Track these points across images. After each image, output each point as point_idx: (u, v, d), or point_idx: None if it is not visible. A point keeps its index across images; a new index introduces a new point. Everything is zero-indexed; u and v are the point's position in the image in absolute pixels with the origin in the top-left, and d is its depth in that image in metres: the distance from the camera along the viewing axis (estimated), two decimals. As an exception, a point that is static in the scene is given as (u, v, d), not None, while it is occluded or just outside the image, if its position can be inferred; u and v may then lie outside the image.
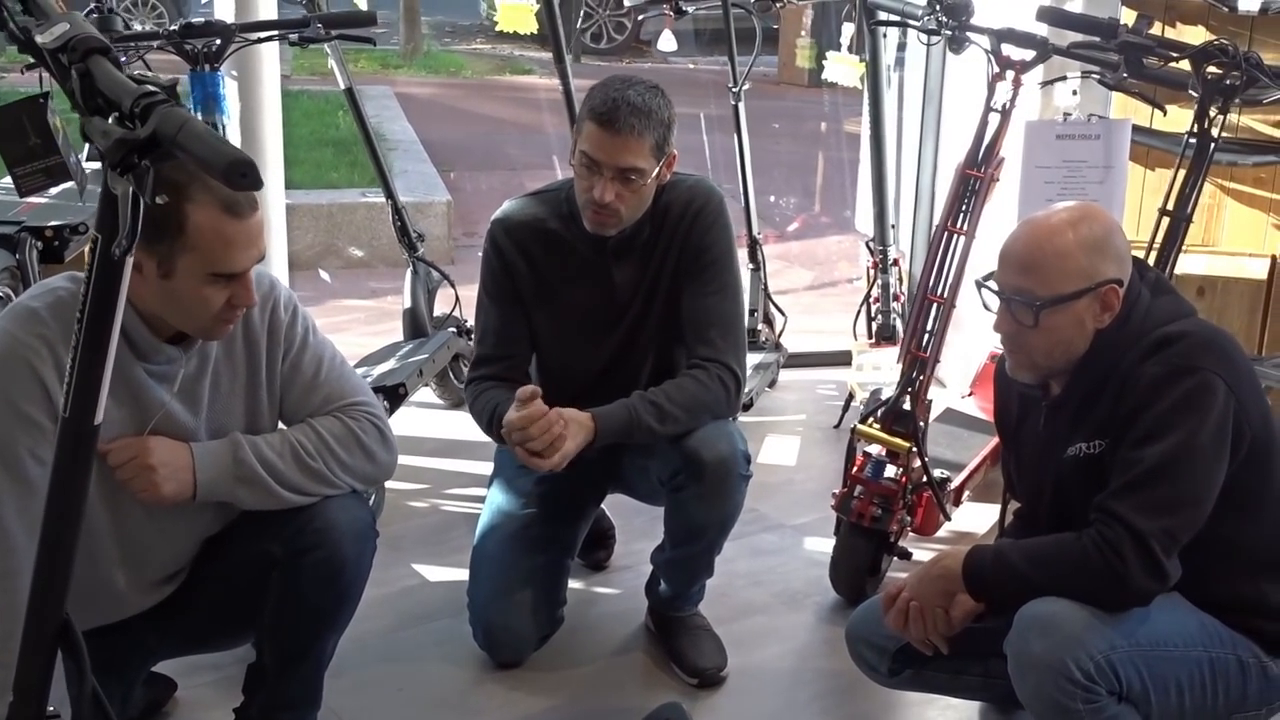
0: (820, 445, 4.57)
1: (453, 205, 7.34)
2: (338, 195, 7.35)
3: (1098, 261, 2.35)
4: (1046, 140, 3.46)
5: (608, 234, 2.93)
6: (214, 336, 2.31)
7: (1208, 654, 2.34)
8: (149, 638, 2.54)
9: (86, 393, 1.62)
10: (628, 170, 2.83)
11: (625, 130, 2.79)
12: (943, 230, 3.36)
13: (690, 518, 2.97)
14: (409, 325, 4.48)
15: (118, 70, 1.44)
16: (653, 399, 2.88)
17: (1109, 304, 2.36)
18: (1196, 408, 2.26)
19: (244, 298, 2.24)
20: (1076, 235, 2.35)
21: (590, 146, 2.83)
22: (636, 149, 2.81)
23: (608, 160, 2.82)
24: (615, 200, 2.84)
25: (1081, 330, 2.37)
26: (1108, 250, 2.36)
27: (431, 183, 7.78)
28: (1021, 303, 2.36)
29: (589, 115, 2.83)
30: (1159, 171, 4.22)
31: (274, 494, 2.37)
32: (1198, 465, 2.26)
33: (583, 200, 2.89)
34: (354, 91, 4.33)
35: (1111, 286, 2.35)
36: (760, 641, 3.28)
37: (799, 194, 8.78)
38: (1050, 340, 2.38)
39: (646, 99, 2.83)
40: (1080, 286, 2.34)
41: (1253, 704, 2.40)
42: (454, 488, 4.09)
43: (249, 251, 2.20)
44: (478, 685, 3.07)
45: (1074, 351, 2.39)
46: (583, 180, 2.87)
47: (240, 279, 2.22)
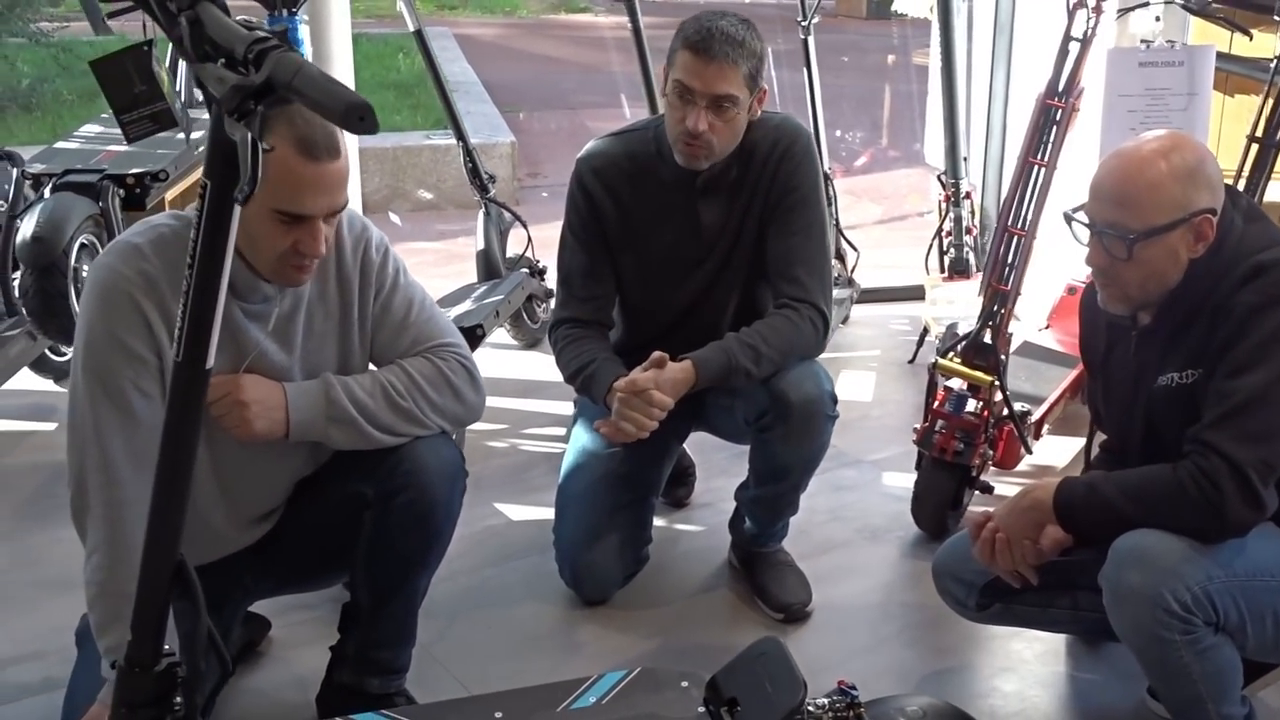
0: (896, 380, 4.56)
1: (517, 146, 7.34)
2: (402, 138, 7.37)
3: (1191, 191, 2.32)
4: (1129, 68, 3.41)
5: (699, 167, 2.93)
6: (285, 281, 2.29)
7: None
8: (245, 576, 2.58)
9: (198, 336, 1.64)
10: (722, 98, 2.82)
11: (720, 57, 2.80)
12: (1023, 162, 3.32)
13: (776, 457, 2.98)
14: (483, 266, 4.51)
15: (226, 16, 1.44)
16: (749, 341, 2.88)
17: (1203, 234, 2.33)
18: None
19: (310, 245, 2.21)
20: (1169, 165, 2.32)
21: (685, 74, 2.83)
22: (731, 76, 2.81)
23: (702, 88, 2.81)
24: (709, 130, 2.84)
25: (1176, 261, 2.35)
26: (1200, 179, 2.33)
27: (495, 123, 7.79)
28: (1115, 235, 2.34)
29: (683, 44, 2.83)
30: (1238, 98, 4.16)
31: (365, 434, 2.39)
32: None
33: (675, 132, 2.89)
34: (423, 33, 4.33)
35: (1205, 216, 2.32)
36: (844, 577, 3.30)
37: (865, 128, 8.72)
38: (1144, 272, 2.35)
39: (740, 30, 2.83)
40: (1174, 218, 2.31)
41: None
42: (532, 427, 4.12)
43: (318, 198, 2.17)
44: (566, 623, 3.10)
45: (1168, 282, 2.37)
46: (676, 111, 2.87)
47: (307, 224, 2.19)
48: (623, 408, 2.84)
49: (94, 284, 2.21)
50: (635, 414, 2.83)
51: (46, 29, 7.96)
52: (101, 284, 2.20)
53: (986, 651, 3.01)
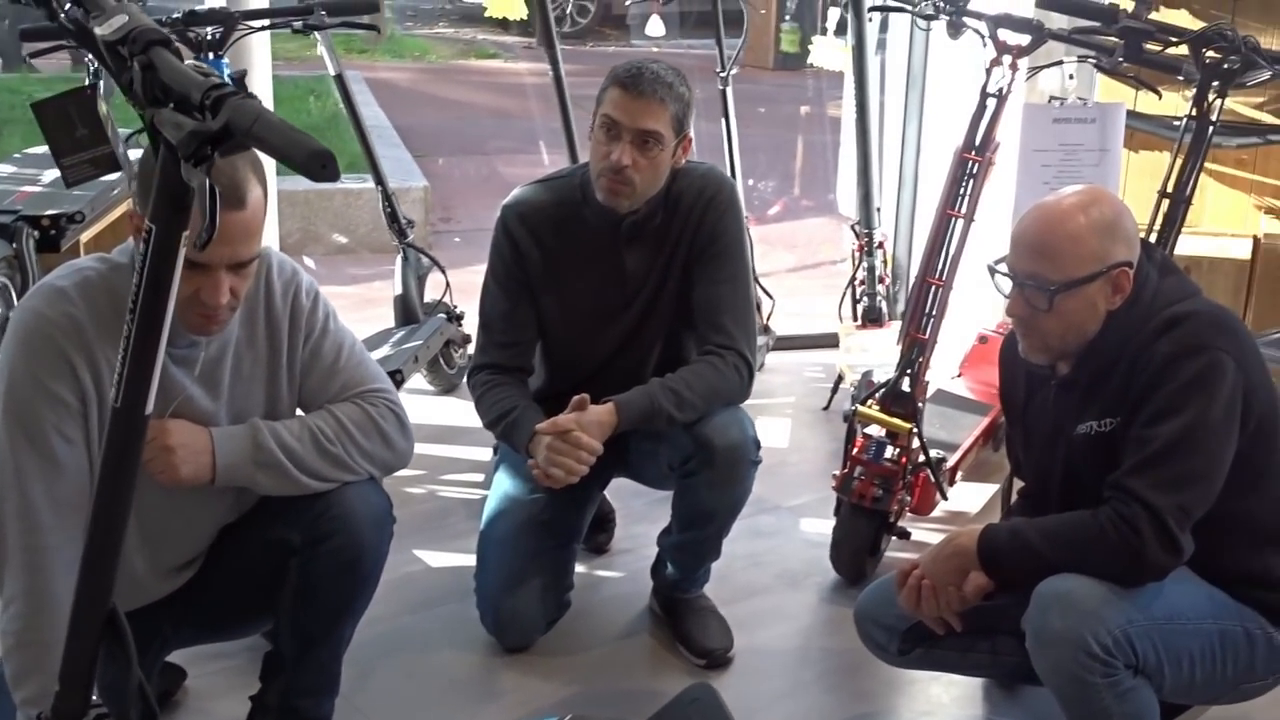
0: (810, 427, 4.61)
1: (430, 191, 7.32)
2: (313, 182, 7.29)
3: (1109, 245, 2.39)
4: (1043, 124, 3.50)
5: (620, 206, 2.96)
6: (192, 329, 2.24)
7: (1218, 626, 2.39)
8: (164, 625, 2.53)
9: (139, 382, 1.63)
10: (647, 134, 2.87)
11: (649, 94, 2.86)
12: (941, 214, 3.39)
13: (700, 502, 3.00)
14: (400, 311, 4.49)
15: (180, 61, 1.45)
16: (672, 386, 2.90)
17: (1120, 286, 2.40)
18: (1207, 386, 2.31)
19: (210, 295, 2.15)
20: (1088, 219, 2.39)
21: (613, 109, 2.87)
22: (658, 114, 2.87)
23: (629, 122, 2.86)
24: (632, 167, 2.87)
25: (1094, 312, 2.41)
26: (1118, 233, 2.40)
27: (408, 168, 7.76)
28: (1035, 287, 2.40)
29: (613, 82, 2.89)
30: (1143, 154, 4.28)
31: (293, 479, 2.37)
32: (1210, 442, 2.31)
33: (599, 168, 2.92)
34: (344, 77, 4.32)
35: (1123, 269, 2.39)
36: (764, 622, 3.32)
37: (778, 178, 8.81)
38: (1064, 323, 2.41)
39: (670, 75, 2.91)
40: (1093, 270, 2.38)
41: (1260, 673, 2.46)
42: (450, 473, 4.10)
43: (219, 248, 2.06)
44: (487, 670, 3.09)
45: (1086, 333, 2.43)
46: (601, 146, 2.90)
47: (208, 274, 2.13)
48: (551, 453, 2.85)
49: (17, 327, 2.18)
50: (564, 459, 2.84)
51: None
52: (25, 327, 2.17)
53: (906, 696, 3.04)
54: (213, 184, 1.37)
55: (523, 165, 7.96)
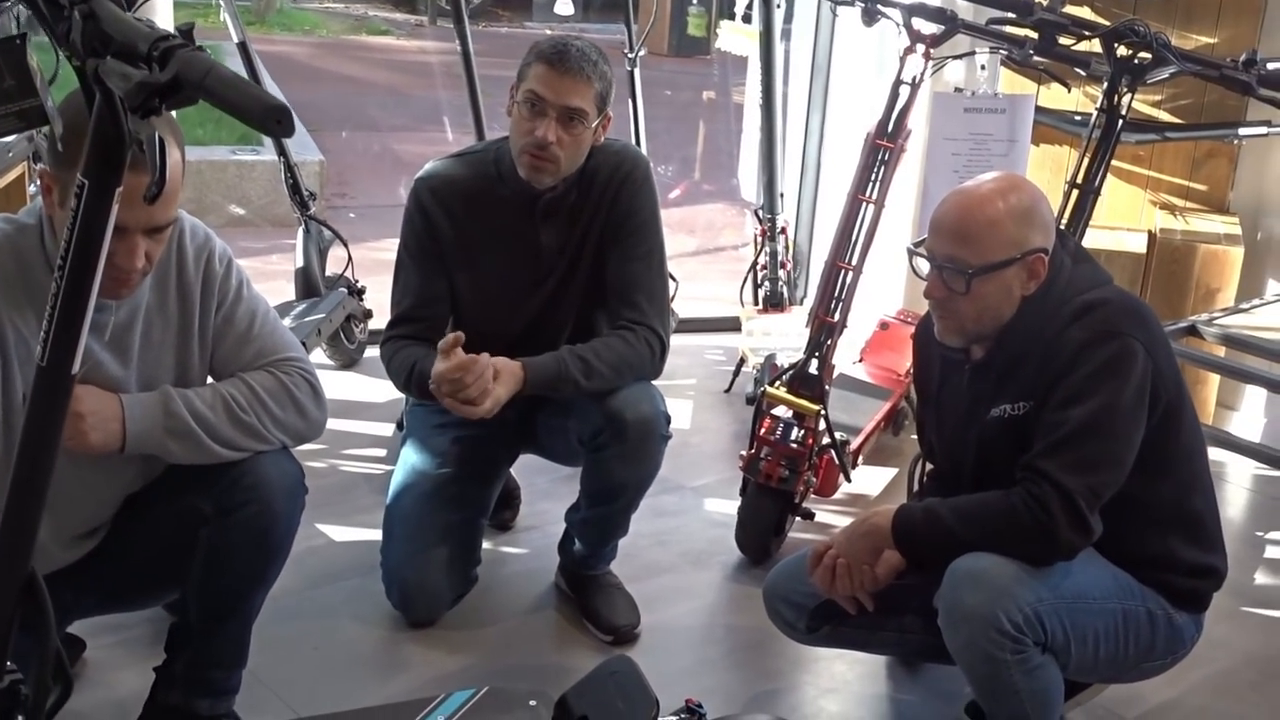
0: (712, 409, 4.64)
1: (325, 165, 7.24)
2: (207, 153, 7.19)
3: (1026, 231, 2.43)
4: (954, 113, 3.55)
5: (543, 182, 2.95)
6: (103, 293, 2.13)
7: (1121, 606, 2.45)
8: (66, 594, 2.45)
9: (66, 341, 1.59)
10: (573, 111, 2.86)
11: (575, 71, 2.85)
12: (853, 199, 3.43)
13: (610, 476, 3.01)
14: (301, 284, 4.44)
15: (124, 11, 1.41)
16: (581, 354, 2.90)
17: (1036, 272, 2.45)
18: (1118, 371, 2.36)
19: (125, 259, 2.12)
20: (1006, 205, 2.43)
21: (538, 84, 2.86)
22: (584, 91, 2.86)
23: (555, 99, 2.85)
24: (556, 144, 2.86)
25: (1009, 297, 2.46)
26: (1035, 220, 2.45)
27: (303, 141, 7.66)
28: (954, 270, 2.44)
29: (537, 58, 2.87)
30: (1044, 147, 4.35)
31: (205, 448, 2.33)
32: (1120, 426, 2.36)
33: (522, 144, 2.90)
34: (248, 45, 4.25)
35: (1039, 255, 2.44)
36: (670, 600, 3.34)
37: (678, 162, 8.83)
38: (980, 306, 2.46)
39: (593, 53, 2.90)
40: (1010, 255, 2.42)
41: (1159, 654, 2.54)
42: (352, 448, 4.06)
43: (135, 212, 2.03)
44: (392, 644, 3.06)
45: (1002, 317, 2.48)
46: (525, 123, 2.88)
47: (124, 238, 2.10)
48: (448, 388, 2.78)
49: None
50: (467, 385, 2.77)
51: None
52: None
53: (811, 673, 3.08)
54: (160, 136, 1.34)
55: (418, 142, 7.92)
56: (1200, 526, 2.55)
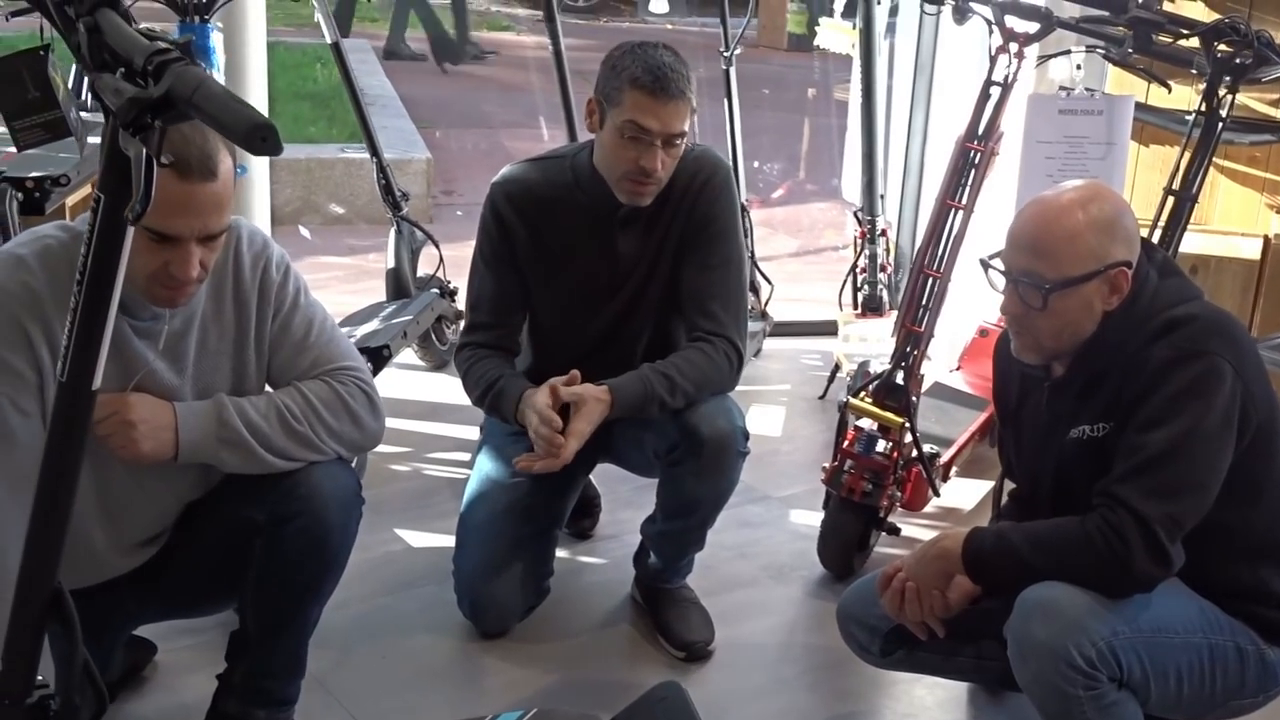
0: (805, 416, 4.54)
1: (432, 163, 7.26)
2: (316, 150, 7.25)
3: (1107, 243, 2.31)
4: (1049, 115, 3.42)
5: (645, 204, 2.89)
6: (156, 301, 2.20)
7: (1207, 641, 2.32)
8: (129, 601, 2.49)
9: (85, 356, 1.58)
10: (676, 136, 2.80)
11: (676, 95, 2.77)
12: (941, 204, 3.32)
13: (685, 492, 2.94)
14: (392, 285, 4.43)
15: (127, 24, 1.38)
16: (664, 371, 2.83)
17: (1118, 287, 2.32)
18: (1203, 392, 2.23)
19: (180, 268, 2.11)
20: (1086, 216, 2.31)
21: (640, 115, 2.76)
22: (685, 111, 2.80)
23: (661, 128, 2.77)
24: (662, 169, 2.81)
25: (1090, 312, 2.34)
26: (1117, 231, 2.32)
27: (411, 139, 7.70)
28: (1029, 285, 2.32)
29: (633, 85, 2.76)
30: (1153, 148, 4.19)
31: (258, 458, 2.31)
32: (1203, 450, 2.23)
33: (623, 170, 2.83)
34: (340, 45, 4.25)
35: (1121, 269, 2.31)
36: (747, 615, 3.26)
37: (783, 160, 8.73)
38: (1058, 323, 2.34)
39: (679, 61, 2.81)
40: (1090, 269, 2.30)
41: (1250, 691, 2.39)
42: (437, 451, 4.05)
43: (189, 219, 2.07)
44: (463, 655, 3.03)
45: (1081, 334, 2.36)
46: (625, 151, 2.81)
47: (178, 246, 2.09)
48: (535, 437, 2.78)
49: None
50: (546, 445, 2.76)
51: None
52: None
53: (889, 697, 2.98)
54: (149, 155, 1.30)
55: (528, 139, 7.89)
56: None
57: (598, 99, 2.86)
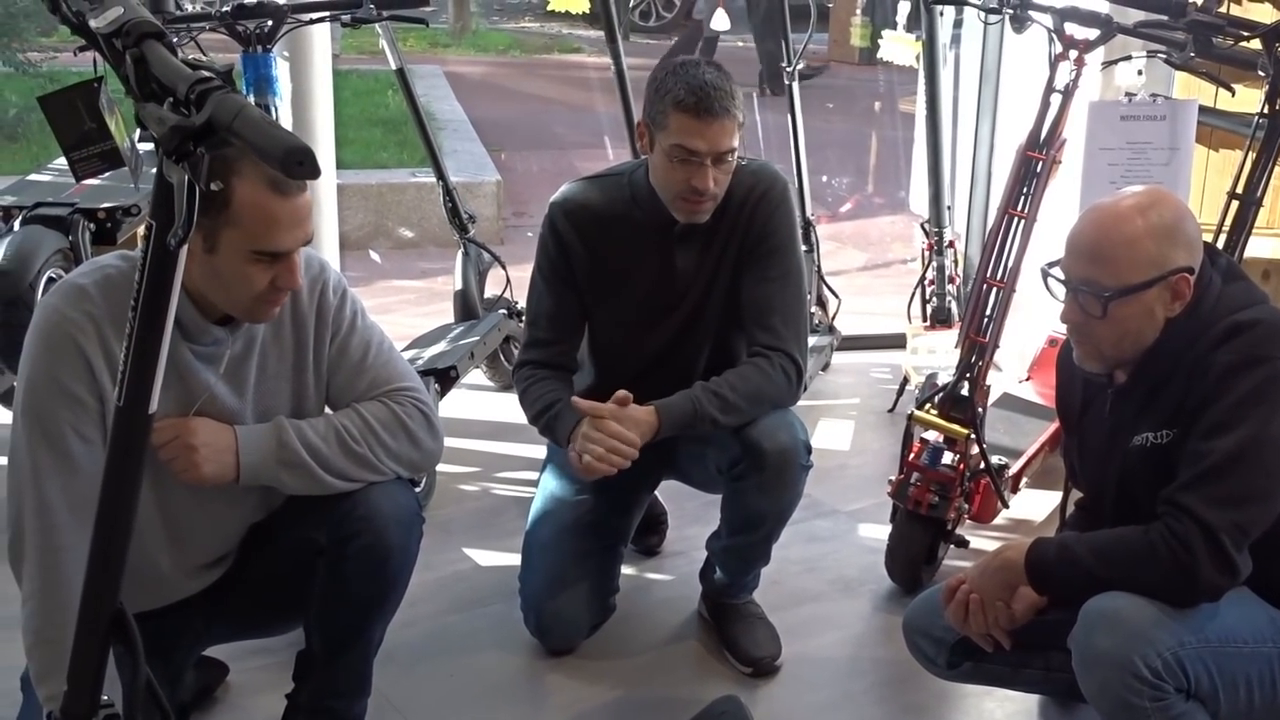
0: (874, 429, 4.52)
1: (502, 185, 7.31)
2: (387, 175, 7.33)
3: (1168, 250, 2.28)
4: (1110, 121, 3.38)
5: (703, 220, 2.90)
6: (258, 319, 2.28)
7: (1278, 650, 2.28)
8: (196, 622, 2.53)
9: (141, 381, 1.61)
10: (725, 153, 2.80)
11: (721, 114, 2.75)
12: (1003, 213, 3.29)
13: (749, 507, 2.94)
14: (460, 307, 4.47)
15: (172, 55, 1.41)
16: (716, 389, 2.84)
17: (1180, 293, 2.29)
18: (1269, 399, 2.20)
19: (288, 280, 2.20)
20: (1146, 222, 2.28)
21: (687, 138, 2.77)
22: (731, 130, 2.78)
23: (710, 148, 2.77)
24: (715, 186, 2.81)
25: (1151, 320, 2.31)
26: (1178, 237, 2.29)
27: (481, 162, 7.76)
28: (1089, 293, 2.30)
29: (676, 107, 2.76)
30: (1223, 153, 4.13)
31: (318, 479, 2.34)
32: (1269, 457, 2.20)
33: (677, 190, 2.84)
34: (405, 71, 4.30)
35: (1183, 275, 2.28)
36: (815, 630, 3.25)
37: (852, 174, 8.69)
38: (1119, 331, 2.32)
39: (721, 78, 2.79)
40: (1150, 276, 2.27)
41: None
42: (504, 470, 4.07)
43: (294, 232, 2.16)
44: (530, 672, 3.05)
45: (1143, 341, 2.33)
46: (677, 173, 2.81)
47: (284, 260, 2.17)
48: (586, 441, 2.80)
49: (37, 325, 2.17)
50: (598, 447, 2.78)
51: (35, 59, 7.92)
52: (44, 325, 2.16)
53: (958, 710, 2.96)
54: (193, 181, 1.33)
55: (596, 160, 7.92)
56: None
57: (646, 122, 2.87)
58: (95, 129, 1.67)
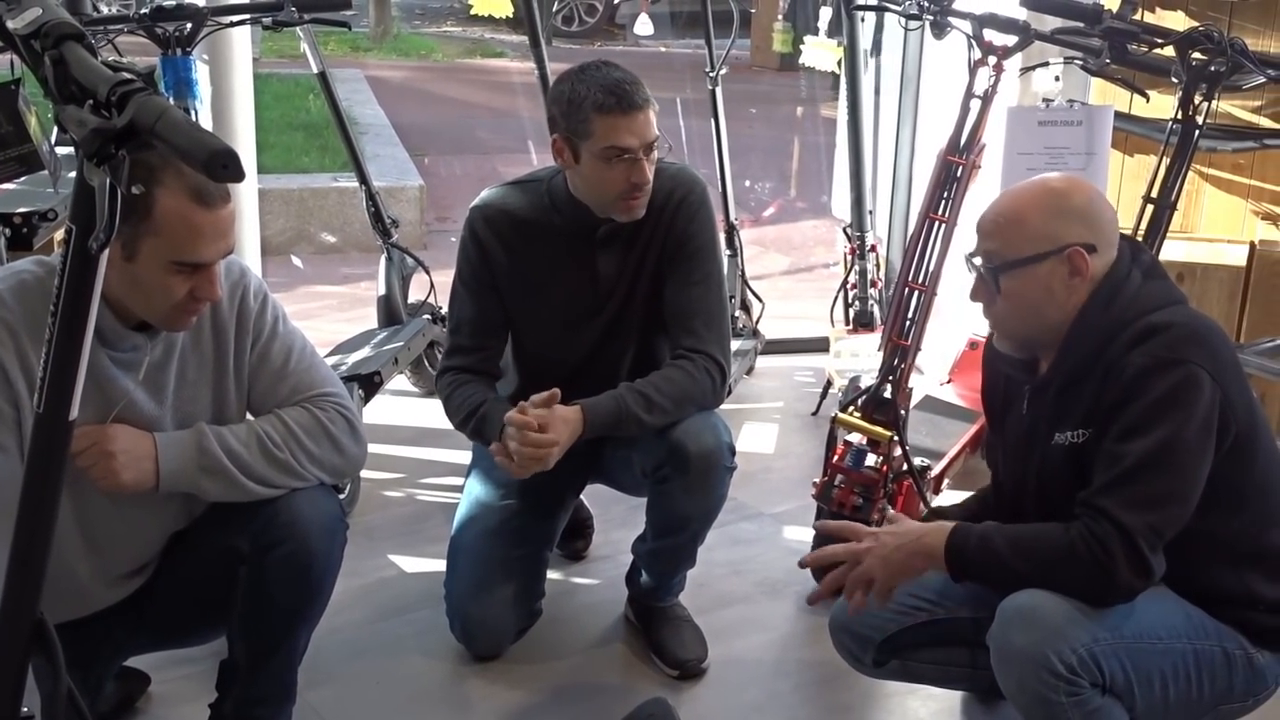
0: (798, 432, 4.55)
1: (425, 190, 7.29)
2: (309, 180, 7.29)
3: (1058, 225, 2.33)
4: (1028, 126, 3.43)
5: (642, 215, 2.91)
6: (175, 328, 2.26)
7: (1192, 646, 2.31)
8: (117, 632, 2.49)
9: (61, 387, 1.58)
10: (654, 142, 2.83)
11: (642, 104, 2.79)
12: (924, 218, 3.33)
13: (674, 509, 2.95)
14: (383, 312, 4.44)
15: (92, 57, 1.39)
16: (641, 390, 2.85)
17: (1078, 268, 2.33)
18: (1182, 402, 2.23)
19: (207, 291, 2.18)
20: (1038, 199, 2.35)
21: (618, 137, 2.78)
22: (653, 118, 2.83)
23: (640, 141, 2.80)
24: (649, 175, 2.84)
25: (1050, 296, 2.35)
26: (1073, 214, 2.34)
27: (404, 167, 7.73)
28: (984, 267, 2.37)
29: (598, 111, 2.77)
30: (1138, 157, 4.21)
31: (239, 485, 2.32)
32: (1183, 460, 2.23)
33: (618, 192, 2.85)
34: (327, 75, 4.27)
35: (1076, 249, 2.32)
36: (741, 631, 3.26)
37: (774, 178, 8.75)
38: (1019, 306, 2.37)
39: (624, 72, 2.83)
40: (1040, 250, 2.32)
41: (1239, 695, 2.38)
42: (429, 476, 4.06)
43: (216, 244, 2.15)
44: (456, 678, 3.04)
45: (1047, 319, 2.37)
46: (615, 173, 2.82)
47: (204, 271, 2.16)
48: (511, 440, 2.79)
49: None
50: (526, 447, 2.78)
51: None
52: None
53: (884, 709, 2.99)
54: (114, 184, 1.31)
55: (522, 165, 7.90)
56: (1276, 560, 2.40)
57: (563, 137, 2.86)
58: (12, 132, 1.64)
